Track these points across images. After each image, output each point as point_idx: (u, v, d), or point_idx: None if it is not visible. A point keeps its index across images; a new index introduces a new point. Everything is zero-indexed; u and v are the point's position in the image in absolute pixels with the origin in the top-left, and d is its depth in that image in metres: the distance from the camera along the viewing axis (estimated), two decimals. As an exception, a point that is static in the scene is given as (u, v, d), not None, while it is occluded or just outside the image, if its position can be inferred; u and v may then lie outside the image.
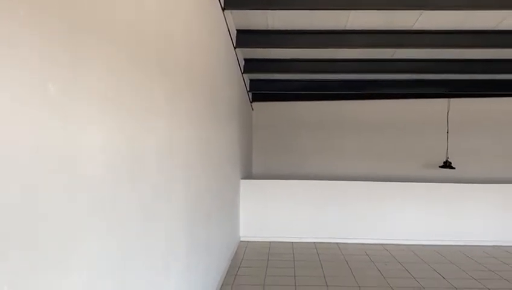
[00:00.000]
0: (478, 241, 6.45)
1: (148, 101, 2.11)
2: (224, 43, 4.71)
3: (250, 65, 6.82)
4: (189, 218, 2.99)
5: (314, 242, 6.52)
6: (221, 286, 4.44)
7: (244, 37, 5.58)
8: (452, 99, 8.60)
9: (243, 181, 6.64)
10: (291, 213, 6.64)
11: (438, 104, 8.69)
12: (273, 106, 9.09)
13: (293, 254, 5.84)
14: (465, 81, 7.88)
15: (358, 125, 9.00)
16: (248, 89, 7.89)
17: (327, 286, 4.50)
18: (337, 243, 6.46)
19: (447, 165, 8.09)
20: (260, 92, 8.52)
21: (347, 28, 5.38)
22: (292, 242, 6.50)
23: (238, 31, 5.54)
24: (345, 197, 6.66)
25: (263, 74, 7.59)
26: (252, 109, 8.98)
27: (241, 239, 6.58)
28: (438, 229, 6.54)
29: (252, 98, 8.79)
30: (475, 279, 4.80)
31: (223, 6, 4.40)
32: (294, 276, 4.82)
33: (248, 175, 7.98)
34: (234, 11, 4.90)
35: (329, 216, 6.62)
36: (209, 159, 3.84)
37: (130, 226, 1.87)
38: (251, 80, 8.05)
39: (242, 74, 6.68)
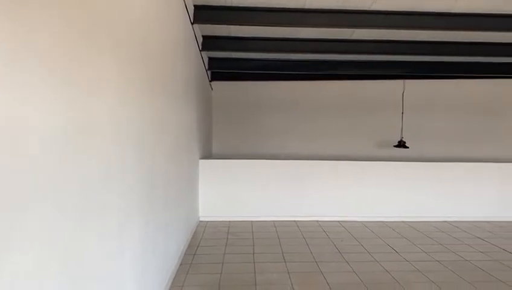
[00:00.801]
0: (429, 217, 6.75)
1: (98, 72, 2.00)
2: (181, 19, 4.56)
3: (208, 43, 6.68)
4: (144, 198, 2.91)
5: (274, 221, 6.59)
6: (180, 265, 4.41)
7: (202, 13, 5.44)
8: (407, 81, 8.84)
9: (202, 161, 6.57)
10: (250, 192, 6.67)
11: (394, 85, 8.92)
12: (233, 85, 9.01)
13: (252, 232, 5.89)
14: (421, 63, 8.10)
15: (318, 105, 9.11)
16: (207, 68, 7.76)
17: (285, 262, 4.57)
18: (295, 221, 6.57)
19: (401, 144, 8.35)
20: (220, 70, 8.40)
21: (306, 7, 5.36)
22: (251, 221, 6.54)
23: (196, 7, 5.39)
24: (303, 176, 6.76)
25: (222, 52, 7.46)
26: (212, 88, 8.86)
27: (201, 219, 6.56)
28: (391, 206, 6.78)
29: (211, 77, 8.67)
30: (425, 252, 5.03)
31: (179, -21, 4.25)
32: (253, 253, 4.86)
33: (208, 155, 7.92)
34: (191, -15, 4.76)
35: (288, 195, 6.70)
36: (166, 137, 3.75)
37: (77, 206, 1.79)
38: (210, 58, 7.91)
39: (200, 51, 6.54)
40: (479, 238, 5.74)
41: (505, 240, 5.62)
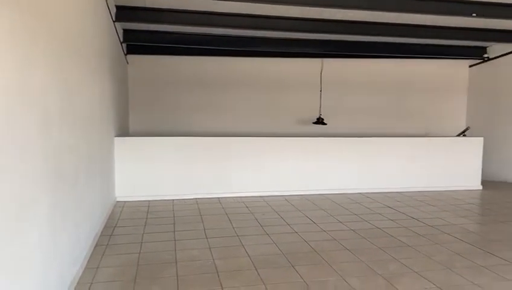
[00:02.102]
0: (345, 189, 7.07)
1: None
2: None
3: (122, 13, 6.29)
4: (50, 178, 2.65)
5: (196, 198, 6.49)
6: (95, 246, 4.16)
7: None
8: (325, 59, 9.09)
9: (118, 139, 6.23)
10: (170, 171, 6.48)
11: (313, 64, 9.12)
12: (151, 59, 8.63)
13: (173, 211, 5.74)
14: (338, 42, 8.35)
15: (239, 82, 9.06)
16: (121, 40, 7.32)
17: (207, 238, 4.51)
18: (218, 198, 6.52)
19: (319, 121, 8.63)
20: (136, 43, 7.99)
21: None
22: (173, 200, 6.38)
23: (107, -28, 5.01)
24: (225, 153, 6.71)
25: (138, 24, 7.07)
26: (127, 62, 8.41)
27: (118, 199, 6.26)
28: (311, 180, 7.00)
29: (127, 51, 8.21)
30: (341, 222, 5.26)
31: None
32: (174, 231, 4.74)
33: (124, 132, 7.54)
34: None
35: (210, 172, 6.62)
36: (75, 112, 3.46)
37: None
38: (125, 30, 7.47)
39: (114, 22, 6.13)
40: (389, 207, 6.13)
41: (411, 208, 6.07)
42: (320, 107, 8.90)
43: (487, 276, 3.55)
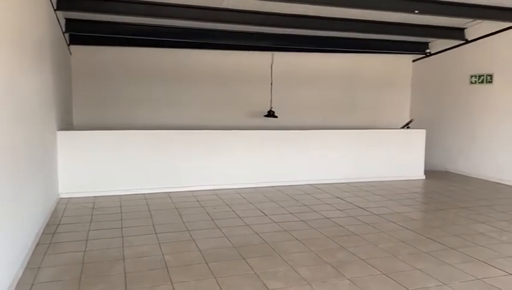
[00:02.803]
0: (296, 181, 7.16)
1: None
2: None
3: (64, 2, 5.98)
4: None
5: (144, 193, 6.32)
6: (36, 245, 3.95)
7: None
8: (276, 53, 9.14)
9: (60, 133, 5.94)
10: (117, 165, 6.27)
11: (263, 57, 9.14)
12: (96, 50, 8.29)
13: (121, 207, 5.57)
14: (289, 36, 8.42)
15: (189, 75, 8.90)
16: (64, 30, 6.96)
17: (156, 233, 4.41)
18: (168, 193, 6.39)
19: (270, 114, 8.67)
20: (79, 34, 7.64)
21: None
22: (120, 195, 6.18)
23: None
24: (174, 146, 6.58)
25: (82, 14, 6.75)
26: (70, 53, 8.02)
27: (61, 196, 5.97)
28: (262, 172, 7.03)
29: (70, 41, 7.83)
30: (291, 213, 5.32)
31: None
32: (122, 228, 4.59)
33: (68, 126, 7.21)
34: None
35: (160, 166, 6.47)
36: (13, 104, 3.24)
37: None
38: (67, 20, 7.12)
39: (55, 10, 5.81)
40: (338, 197, 6.28)
41: (359, 198, 6.26)
42: (271, 100, 8.95)
43: (428, 261, 3.72)
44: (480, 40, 8.13)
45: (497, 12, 6.95)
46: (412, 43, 9.48)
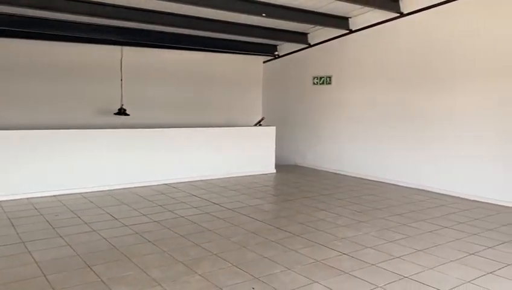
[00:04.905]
0: (150, 182, 6.90)
1: None
2: None
3: None
4: None
5: (-33, 205, 5.40)
6: None
7: None
8: (125, 48, 8.68)
9: None
10: None
11: (112, 51, 8.59)
12: None
13: None
14: (139, 30, 8.07)
15: (33, 70, 7.88)
16: None
17: (-21, 250, 3.78)
18: (-2, 202, 5.56)
19: (121, 112, 8.21)
20: None
21: None
22: None
23: None
24: (3, 148, 5.76)
25: None
26: None
27: None
28: (112, 174, 6.59)
29: None
30: (144, 215, 5.10)
31: None
32: None
33: None
34: None
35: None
36: None
37: None
38: None
39: None
40: (194, 195, 6.25)
41: (214, 195, 6.32)
42: (121, 97, 8.46)
43: (276, 249, 3.92)
44: (321, 44, 8.94)
45: (333, 20, 7.74)
46: (263, 45, 9.98)
